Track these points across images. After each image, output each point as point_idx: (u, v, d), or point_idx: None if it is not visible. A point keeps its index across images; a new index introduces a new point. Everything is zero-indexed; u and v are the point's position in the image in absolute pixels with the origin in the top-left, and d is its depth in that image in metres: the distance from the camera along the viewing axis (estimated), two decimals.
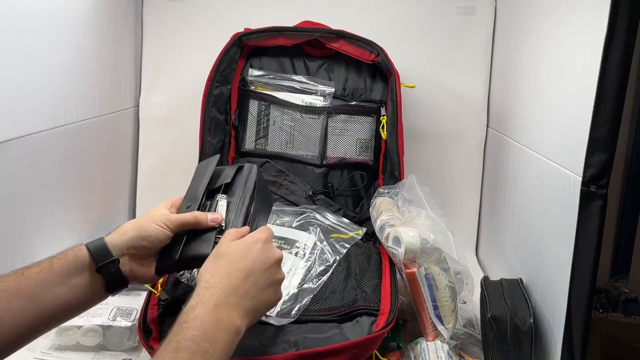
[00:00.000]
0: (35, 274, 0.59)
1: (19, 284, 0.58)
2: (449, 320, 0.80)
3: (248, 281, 0.60)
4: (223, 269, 0.60)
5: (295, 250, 0.87)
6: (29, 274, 0.59)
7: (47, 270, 0.60)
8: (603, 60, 0.64)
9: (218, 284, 0.58)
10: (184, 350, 0.51)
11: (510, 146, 1.06)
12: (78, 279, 0.61)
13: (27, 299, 0.58)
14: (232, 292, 0.58)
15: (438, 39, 1.26)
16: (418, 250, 0.80)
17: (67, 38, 0.96)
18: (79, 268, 0.61)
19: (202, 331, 0.53)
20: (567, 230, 0.70)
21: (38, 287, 0.59)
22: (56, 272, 0.60)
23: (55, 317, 0.60)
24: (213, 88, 1.08)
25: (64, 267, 0.61)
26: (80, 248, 0.63)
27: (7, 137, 0.80)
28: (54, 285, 0.60)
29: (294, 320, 0.77)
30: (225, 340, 0.55)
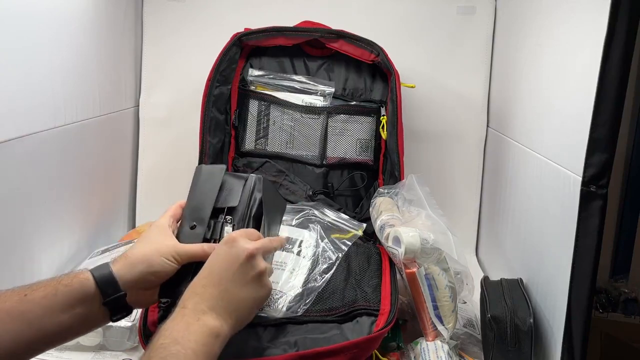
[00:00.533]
0: (39, 299, 0.58)
1: (21, 307, 0.57)
2: (449, 320, 0.80)
3: (219, 284, 0.61)
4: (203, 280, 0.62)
5: (297, 250, 0.87)
6: (33, 297, 0.58)
7: (51, 295, 0.59)
8: (603, 60, 0.64)
9: (186, 298, 0.59)
10: (154, 357, 0.52)
11: (510, 146, 1.06)
12: (82, 309, 0.60)
13: (29, 324, 0.57)
14: (199, 299, 0.59)
15: (438, 39, 1.26)
16: (418, 250, 0.80)
17: (67, 38, 0.96)
18: (84, 298, 0.60)
19: (171, 338, 0.54)
20: (567, 230, 0.70)
21: (40, 313, 0.58)
22: (60, 300, 0.59)
23: (55, 340, 0.60)
24: (213, 88, 1.08)
25: (68, 296, 0.59)
26: (86, 277, 0.61)
27: (7, 137, 0.80)
28: (57, 313, 0.59)
29: (295, 320, 0.77)
30: (200, 341, 0.55)
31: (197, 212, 0.72)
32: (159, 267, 0.64)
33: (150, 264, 0.64)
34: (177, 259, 0.65)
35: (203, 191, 0.74)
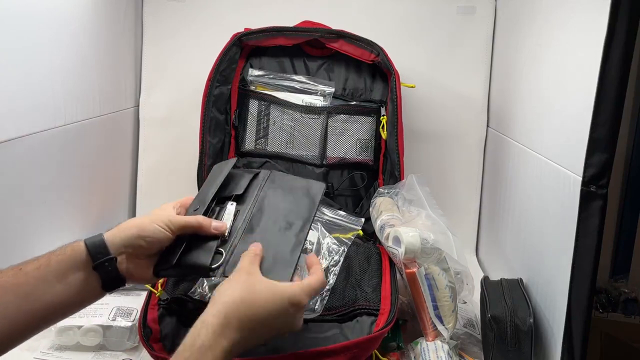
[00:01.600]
0: (33, 271, 0.58)
1: (16, 280, 0.57)
2: (449, 320, 0.80)
3: (258, 334, 0.59)
4: (245, 317, 0.57)
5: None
6: (27, 270, 0.58)
7: (44, 266, 0.59)
8: (603, 60, 0.64)
9: (234, 330, 0.56)
10: None
11: (510, 146, 1.06)
12: (75, 277, 0.60)
13: (24, 296, 0.57)
14: (241, 344, 0.57)
15: (438, 39, 1.26)
16: (418, 250, 0.80)
17: (67, 38, 0.96)
18: (76, 265, 0.60)
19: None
20: (567, 230, 0.70)
21: (35, 284, 0.58)
22: (53, 269, 0.59)
23: (51, 315, 0.60)
24: (213, 88, 1.07)
25: (61, 264, 0.59)
26: (78, 244, 0.62)
27: (7, 137, 0.80)
28: (51, 283, 0.58)
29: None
30: None
31: (201, 198, 0.73)
32: (150, 232, 0.63)
33: (142, 228, 0.63)
34: (170, 227, 0.65)
35: (210, 182, 0.76)
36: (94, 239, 0.62)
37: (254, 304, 0.58)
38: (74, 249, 0.61)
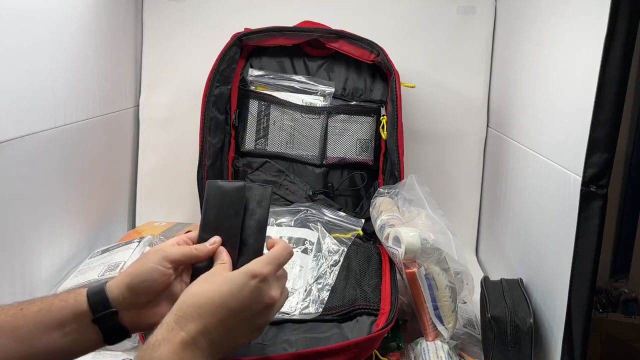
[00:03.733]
0: (33, 314, 0.56)
1: (16, 322, 0.55)
2: (449, 320, 0.80)
3: (228, 323, 0.55)
4: (202, 303, 0.54)
5: (302, 247, 0.87)
6: (27, 312, 0.56)
7: (45, 311, 0.56)
8: (603, 60, 0.64)
9: (191, 319, 0.53)
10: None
11: (510, 146, 1.06)
12: (74, 327, 0.57)
13: (21, 340, 0.55)
14: (205, 334, 0.53)
15: (438, 39, 1.26)
16: (418, 250, 0.80)
17: (67, 38, 0.96)
18: (76, 316, 0.57)
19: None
20: (567, 230, 0.70)
21: (34, 329, 0.55)
22: (54, 315, 0.56)
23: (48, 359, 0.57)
24: (213, 88, 1.07)
25: (62, 312, 0.57)
26: (81, 292, 0.58)
27: (7, 137, 0.80)
28: (50, 330, 0.56)
29: (294, 319, 0.77)
30: None
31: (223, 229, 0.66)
32: (147, 274, 0.59)
33: (139, 272, 0.59)
34: (166, 264, 0.60)
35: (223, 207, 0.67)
36: (95, 289, 0.59)
37: (211, 290, 0.55)
38: (76, 299, 0.58)
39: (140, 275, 0.59)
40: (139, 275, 0.59)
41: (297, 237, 0.90)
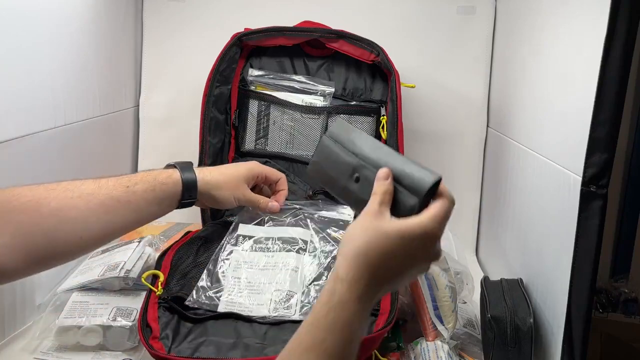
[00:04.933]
0: (142, 192, 0.74)
1: (128, 197, 0.72)
2: (449, 321, 0.80)
3: (396, 278, 0.55)
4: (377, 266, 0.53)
5: (295, 247, 0.87)
6: (136, 190, 0.73)
7: (150, 191, 0.75)
8: (603, 59, 0.64)
9: (365, 279, 0.52)
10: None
11: (510, 146, 1.06)
12: (167, 203, 0.78)
13: (134, 211, 0.73)
14: (376, 292, 0.53)
15: (438, 39, 1.26)
16: None
17: (67, 38, 0.96)
18: (172, 197, 0.78)
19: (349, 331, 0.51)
20: (567, 230, 0.70)
21: (143, 204, 0.74)
22: (157, 195, 0.75)
23: (142, 224, 0.77)
24: (213, 88, 1.07)
25: (164, 194, 0.76)
26: (178, 179, 0.78)
27: (7, 137, 0.80)
28: (154, 205, 0.76)
29: (294, 320, 0.77)
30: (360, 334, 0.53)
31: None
32: (225, 204, 0.86)
33: (220, 204, 0.86)
34: (240, 204, 0.88)
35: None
36: (188, 177, 0.79)
37: (385, 252, 0.53)
38: (175, 183, 0.78)
39: (219, 198, 0.85)
40: (218, 198, 0.84)
41: (289, 237, 0.89)
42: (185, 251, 0.89)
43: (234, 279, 0.82)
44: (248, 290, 0.81)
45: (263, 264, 0.84)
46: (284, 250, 0.86)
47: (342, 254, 0.54)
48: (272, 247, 0.87)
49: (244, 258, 0.85)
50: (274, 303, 0.79)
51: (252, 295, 0.80)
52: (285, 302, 0.79)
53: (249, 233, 0.90)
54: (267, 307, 0.78)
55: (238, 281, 0.82)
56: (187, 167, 0.81)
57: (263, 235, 0.89)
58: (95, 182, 0.71)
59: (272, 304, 0.79)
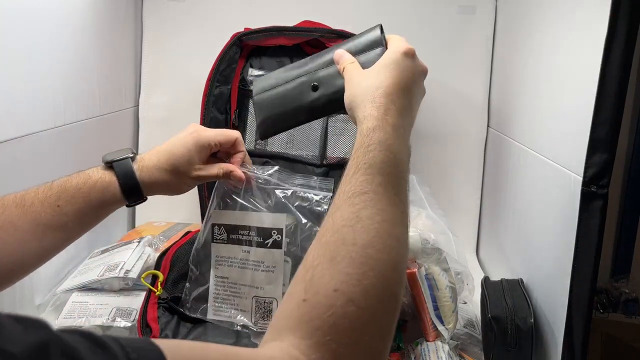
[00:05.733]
0: (74, 213, 0.65)
1: (59, 221, 0.64)
2: (450, 321, 0.80)
3: (412, 101, 0.60)
4: (392, 90, 0.57)
5: (268, 242, 0.80)
6: (67, 211, 0.65)
7: (84, 207, 0.66)
8: (603, 59, 0.64)
9: (390, 107, 0.55)
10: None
11: (510, 146, 1.06)
12: (110, 209, 0.71)
13: (67, 232, 0.66)
14: (401, 116, 0.57)
15: (438, 39, 1.26)
16: (418, 251, 0.80)
17: (67, 38, 0.96)
18: (112, 203, 0.69)
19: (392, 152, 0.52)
20: (568, 230, 0.70)
21: (78, 222, 0.66)
22: (94, 208, 0.67)
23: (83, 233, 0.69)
24: (213, 88, 1.07)
25: (100, 202, 0.68)
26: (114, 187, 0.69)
27: (7, 137, 0.80)
28: (91, 217, 0.69)
29: None
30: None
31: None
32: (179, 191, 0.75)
33: (173, 190, 0.73)
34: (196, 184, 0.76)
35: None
36: (129, 185, 0.69)
37: (391, 76, 0.58)
38: (114, 195, 0.68)
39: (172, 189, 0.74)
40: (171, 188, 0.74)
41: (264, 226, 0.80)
42: (185, 251, 0.89)
43: (218, 278, 0.80)
44: (232, 293, 0.79)
45: (239, 259, 0.79)
46: (258, 245, 0.79)
47: (353, 108, 0.57)
48: (247, 238, 0.79)
49: (222, 252, 0.80)
50: (255, 314, 0.77)
51: (236, 299, 0.78)
52: (266, 313, 0.78)
53: (223, 221, 0.81)
54: (250, 315, 0.77)
55: (222, 282, 0.79)
56: (125, 163, 0.71)
57: (237, 223, 0.80)
58: (20, 206, 0.63)
59: (253, 314, 0.77)
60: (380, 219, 0.43)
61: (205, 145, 0.74)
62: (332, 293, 0.38)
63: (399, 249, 0.44)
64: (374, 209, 0.44)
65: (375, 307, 0.40)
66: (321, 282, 0.39)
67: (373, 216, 0.43)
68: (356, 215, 0.43)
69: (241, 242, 0.79)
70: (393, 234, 0.43)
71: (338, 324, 0.37)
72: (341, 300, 0.38)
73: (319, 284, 0.39)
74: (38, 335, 0.26)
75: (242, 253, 0.79)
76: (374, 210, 0.44)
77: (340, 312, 0.38)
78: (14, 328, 0.26)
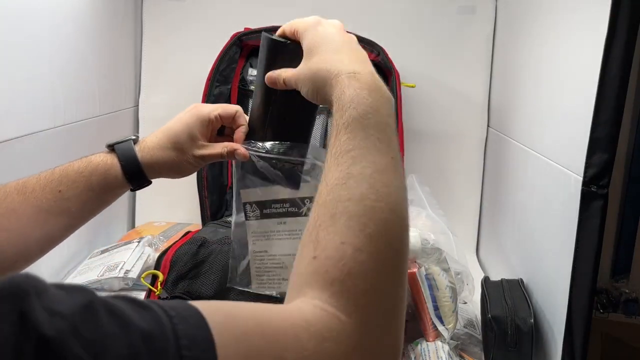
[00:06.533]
0: (77, 196, 0.64)
1: (60, 207, 0.63)
2: (450, 321, 0.80)
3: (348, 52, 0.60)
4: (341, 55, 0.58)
5: (302, 210, 0.79)
6: (69, 195, 0.63)
7: (87, 191, 0.65)
8: (604, 59, 0.64)
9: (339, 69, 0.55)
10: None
11: (510, 146, 1.06)
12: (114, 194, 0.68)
13: (71, 216, 0.64)
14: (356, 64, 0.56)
15: (438, 38, 1.26)
16: (419, 251, 0.80)
17: (66, 38, 0.96)
18: (115, 187, 0.67)
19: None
20: (568, 230, 0.70)
21: (81, 205, 0.65)
22: (96, 193, 0.65)
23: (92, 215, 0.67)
24: (213, 88, 1.07)
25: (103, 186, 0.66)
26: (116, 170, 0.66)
27: (7, 137, 0.80)
28: (95, 201, 0.66)
29: None
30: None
31: None
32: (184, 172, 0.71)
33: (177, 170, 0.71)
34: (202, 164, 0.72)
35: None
36: (130, 165, 0.67)
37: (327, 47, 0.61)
38: (116, 176, 0.66)
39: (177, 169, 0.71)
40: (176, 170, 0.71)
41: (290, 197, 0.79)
42: (185, 251, 0.89)
43: (257, 253, 0.79)
44: (273, 265, 0.78)
45: (276, 231, 0.79)
46: (292, 214, 0.79)
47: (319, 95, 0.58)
48: (281, 210, 0.79)
49: (257, 228, 0.79)
50: None
51: (277, 270, 0.77)
52: None
53: (253, 199, 0.80)
54: None
55: (261, 256, 0.78)
56: (127, 144, 0.70)
57: (267, 198, 0.79)
58: (21, 193, 0.62)
59: None
60: (370, 171, 0.45)
61: (204, 119, 0.72)
62: (340, 246, 0.41)
63: (394, 194, 0.46)
64: (361, 162, 0.46)
65: (384, 251, 0.42)
66: (327, 239, 0.42)
67: (362, 170, 0.45)
68: (346, 172, 0.46)
69: (275, 215, 0.79)
70: (385, 182, 0.46)
71: (352, 272, 0.39)
72: (349, 250, 0.40)
73: (326, 240, 0.41)
74: (83, 296, 0.28)
75: (277, 225, 0.79)
76: (362, 164, 0.46)
77: (351, 261, 0.40)
78: (61, 293, 0.28)
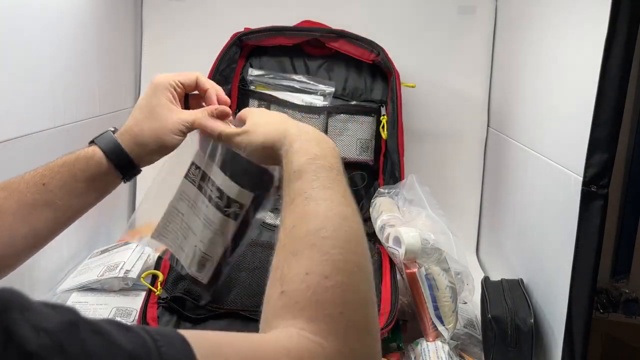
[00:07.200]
0: (60, 188, 0.63)
1: (45, 197, 0.62)
2: (450, 321, 0.80)
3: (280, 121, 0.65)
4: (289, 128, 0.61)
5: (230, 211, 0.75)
6: (53, 187, 0.62)
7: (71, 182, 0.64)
8: (604, 59, 0.64)
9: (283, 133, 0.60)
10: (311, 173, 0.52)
11: (510, 146, 1.06)
12: (101, 182, 0.67)
13: (56, 210, 0.63)
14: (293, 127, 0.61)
15: (438, 38, 1.26)
16: (419, 251, 0.80)
17: (66, 38, 0.96)
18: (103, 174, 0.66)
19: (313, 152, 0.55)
20: (568, 230, 0.70)
21: (66, 197, 0.64)
22: (81, 184, 0.64)
23: (80, 212, 0.68)
24: None
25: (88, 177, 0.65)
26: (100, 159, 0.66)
27: (7, 137, 0.80)
28: (80, 193, 0.65)
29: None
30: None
31: None
32: (169, 142, 0.68)
33: (161, 141, 0.68)
34: (184, 131, 0.69)
35: None
36: (115, 151, 0.67)
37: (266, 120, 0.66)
38: (98, 165, 0.65)
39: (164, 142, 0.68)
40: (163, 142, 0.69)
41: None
42: None
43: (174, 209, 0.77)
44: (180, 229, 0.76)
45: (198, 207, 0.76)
46: (216, 206, 0.75)
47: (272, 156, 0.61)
48: (210, 194, 0.75)
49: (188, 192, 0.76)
50: (191, 261, 0.73)
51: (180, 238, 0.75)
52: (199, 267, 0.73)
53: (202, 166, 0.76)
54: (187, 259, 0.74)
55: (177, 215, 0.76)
56: (106, 134, 0.70)
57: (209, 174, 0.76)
58: (5, 189, 0.62)
59: (190, 260, 0.74)
60: (324, 207, 0.48)
61: (164, 84, 0.73)
62: (305, 277, 0.42)
63: (350, 224, 0.48)
64: (315, 201, 0.49)
65: (348, 277, 0.43)
66: (292, 273, 0.43)
67: (316, 207, 0.48)
68: (302, 212, 0.48)
69: (205, 193, 0.75)
70: (339, 214, 0.48)
71: (321, 299, 0.41)
72: (315, 279, 0.42)
73: (291, 275, 0.43)
74: (68, 315, 0.29)
75: (201, 204, 0.75)
76: (316, 202, 0.49)
77: (319, 289, 0.41)
78: (46, 310, 0.29)
